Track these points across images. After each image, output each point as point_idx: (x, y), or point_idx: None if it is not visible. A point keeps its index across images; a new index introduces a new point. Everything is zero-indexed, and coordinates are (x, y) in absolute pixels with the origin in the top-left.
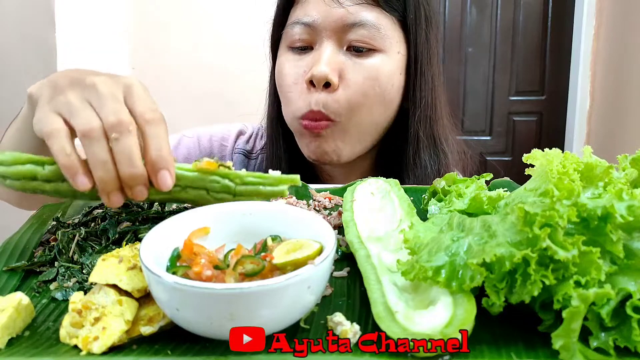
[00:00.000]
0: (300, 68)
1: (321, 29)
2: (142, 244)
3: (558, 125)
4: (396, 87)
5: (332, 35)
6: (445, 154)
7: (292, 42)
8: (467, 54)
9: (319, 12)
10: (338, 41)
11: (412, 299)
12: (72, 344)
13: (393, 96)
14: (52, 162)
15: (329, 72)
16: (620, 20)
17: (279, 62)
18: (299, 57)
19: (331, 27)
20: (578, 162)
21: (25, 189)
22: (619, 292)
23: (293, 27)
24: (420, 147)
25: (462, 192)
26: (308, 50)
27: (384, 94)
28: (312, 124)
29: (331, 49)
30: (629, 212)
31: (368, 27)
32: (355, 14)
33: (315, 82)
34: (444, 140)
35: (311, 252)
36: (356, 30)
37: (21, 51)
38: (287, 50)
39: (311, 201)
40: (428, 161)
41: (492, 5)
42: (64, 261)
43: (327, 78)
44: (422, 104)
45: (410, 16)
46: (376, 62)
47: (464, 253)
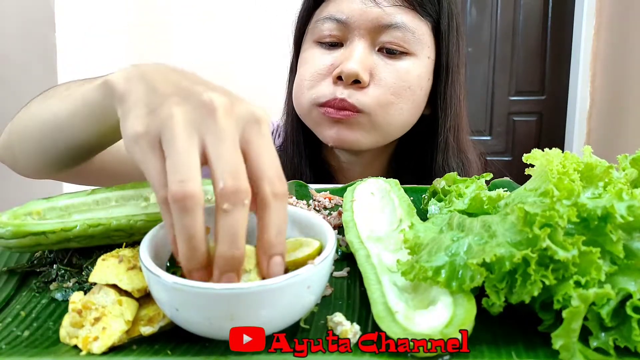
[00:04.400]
0: (328, 61)
1: (355, 27)
2: (142, 244)
3: (558, 125)
4: (424, 91)
5: (366, 35)
6: (469, 161)
7: (321, 37)
8: (467, 54)
9: (354, 10)
10: (371, 41)
11: (412, 299)
12: (72, 344)
13: (421, 100)
14: (53, 231)
15: (359, 70)
16: (620, 20)
17: (304, 55)
18: (327, 52)
19: (366, 26)
20: (578, 162)
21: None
22: (619, 292)
23: (324, 22)
24: (449, 155)
25: (462, 192)
26: (337, 46)
27: (414, 96)
28: (333, 112)
29: (363, 48)
30: (629, 212)
31: (403, 29)
32: (391, 15)
33: (344, 77)
34: (467, 147)
35: (311, 252)
36: (391, 32)
37: (21, 51)
38: (314, 44)
39: (311, 201)
40: (455, 168)
41: (492, 5)
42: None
43: (357, 76)
44: (452, 112)
45: (444, 24)
46: (407, 65)
47: (464, 253)
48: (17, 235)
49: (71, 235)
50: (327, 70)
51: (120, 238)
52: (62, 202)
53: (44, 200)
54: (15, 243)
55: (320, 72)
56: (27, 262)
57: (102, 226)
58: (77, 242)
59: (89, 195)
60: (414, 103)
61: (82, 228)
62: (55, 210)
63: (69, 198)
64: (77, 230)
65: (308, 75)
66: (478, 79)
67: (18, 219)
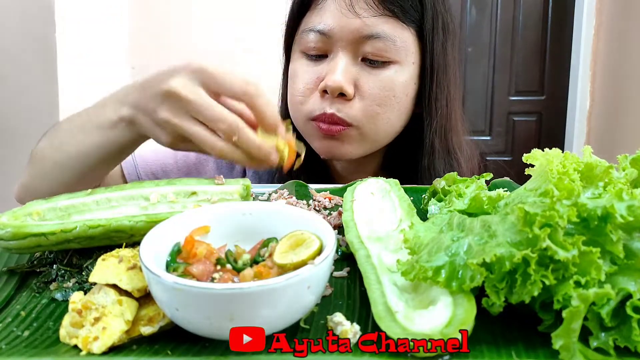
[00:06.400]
0: (314, 74)
1: (337, 39)
2: (142, 243)
3: (558, 125)
4: (410, 96)
5: (348, 46)
6: (459, 163)
7: (307, 49)
8: (467, 54)
9: (335, 22)
10: (353, 52)
11: (412, 299)
12: (72, 344)
13: (407, 105)
14: (53, 232)
15: (343, 83)
16: (620, 20)
17: (293, 66)
18: (313, 63)
19: (347, 37)
20: (578, 162)
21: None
22: (619, 292)
23: (308, 33)
24: (435, 157)
25: (462, 192)
26: (322, 58)
27: (399, 103)
28: (325, 127)
29: (346, 60)
30: (629, 212)
31: (384, 39)
32: (371, 26)
33: (329, 91)
34: (458, 149)
35: (311, 252)
36: (372, 42)
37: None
38: (301, 55)
39: (311, 201)
40: (442, 170)
41: (492, 5)
42: (62, 265)
43: (341, 89)
44: (439, 114)
45: (428, 26)
46: (391, 73)
47: (464, 253)
48: (17, 237)
49: (71, 237)
50: (314, 83)
51: (121, 239)
52: (62, 203)
53: (43, 201)
54: (15, 244)
55: (308, 86)
56: (27, 263)
57: (102, 227)
58: (77, 243)
59: (88, 196)
60: (400, 110)
61: (82, 229)
62: (55, 210)
63: (68, 198)
64: (76, 231)
65: (298, 90)
66: (478, 79)
67: (18, 219)
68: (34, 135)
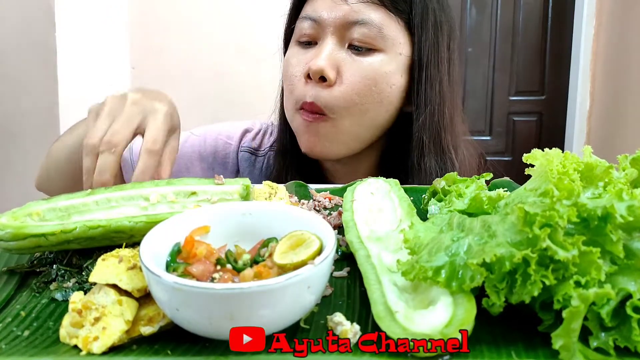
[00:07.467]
0: (304, 60)
1: (326, 25)
2: (142, 243)
3: (558, 125)
4: (396, 88)
5: (335, 32)
6: (453, 163)
7: (300, 37)
8: (467, 54)
9: (325, 9)
10: (340, 38)
11: (412, 299)
12: (72, 344)
13: (393, 97)
14: (53, 233)
15: (325, 67)
16: (620, 20)
17: (287, 55)
18: (304, 51)
19: (335, 23)
20: (578, 162)
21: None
22: (619, 292)
23: (302, 21)
24: (424, 153)
25: (462, 192)
26: (313, 45)
27: (381, 94)
28: (306, 115)
29: (332, 45)
30: (629, 212)
31: (370, 26)
32: (358, 12)
33: (311, 75)
34: (453, 149)
35: (311, 252)
36: (358, 28)
37: (21, 51)
38: (295, 44)
39: (311, 201)
40: (434, 167)
41: (492, 5)
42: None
43: (322, 72)
44: (427, 110)
45: (417, 20)
46: (375, 61)
47: (464, 253)
48: (17, 238)
49: (71, 237)
50: (302, 69)
51: (121, 239)
52: (62, 203)
53: (43, 201)
54: (15, 245)
55: (296, 73)
56: (27, 263)
57: (102, 228)
58: (77, 244)
59: (88, 196)
60: (381, 102)
61: (82, 230)
62: (55, 211)
63: (68, 199)
64: (76, 232)
65: (287, 80)
66: (478, 79)
67: (18, 220)
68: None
